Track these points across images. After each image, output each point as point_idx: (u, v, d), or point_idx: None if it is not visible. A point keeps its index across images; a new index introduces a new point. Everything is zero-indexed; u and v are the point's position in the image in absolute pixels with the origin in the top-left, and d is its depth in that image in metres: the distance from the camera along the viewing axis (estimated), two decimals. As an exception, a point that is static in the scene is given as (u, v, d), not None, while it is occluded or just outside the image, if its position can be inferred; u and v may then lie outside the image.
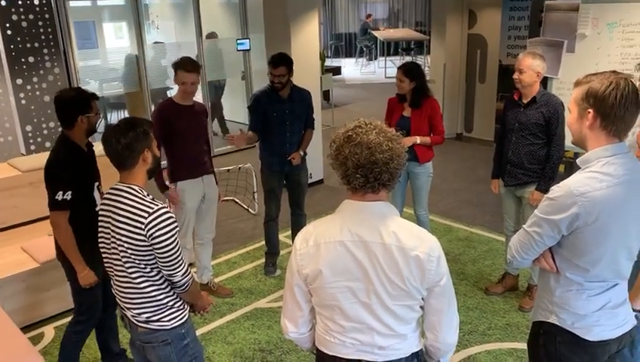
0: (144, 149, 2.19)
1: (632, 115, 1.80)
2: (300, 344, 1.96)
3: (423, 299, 1.72)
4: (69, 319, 3.16)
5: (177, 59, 3.70)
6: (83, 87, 3.25)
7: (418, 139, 4.05)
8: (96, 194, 2.95)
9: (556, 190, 1.84)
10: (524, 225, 1.96)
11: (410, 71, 4.05)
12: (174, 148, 3.75)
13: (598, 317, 1.93)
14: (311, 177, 6.17)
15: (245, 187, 6.29)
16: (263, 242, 4.65)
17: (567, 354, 1.99)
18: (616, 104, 1.76)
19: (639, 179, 1.86)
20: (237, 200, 6.13)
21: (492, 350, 3.49)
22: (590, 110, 1.80)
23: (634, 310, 2.12)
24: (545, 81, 4.72)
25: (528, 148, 3.66)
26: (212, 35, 8.44)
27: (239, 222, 5.68)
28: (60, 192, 2.76)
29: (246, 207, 6.00)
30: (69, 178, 2.79)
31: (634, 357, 2.31)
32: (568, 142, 2.33)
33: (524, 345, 3.48)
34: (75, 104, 2.84)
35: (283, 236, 4.71)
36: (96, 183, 2.99)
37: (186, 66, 3.64)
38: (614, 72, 1.84)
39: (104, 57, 8.34)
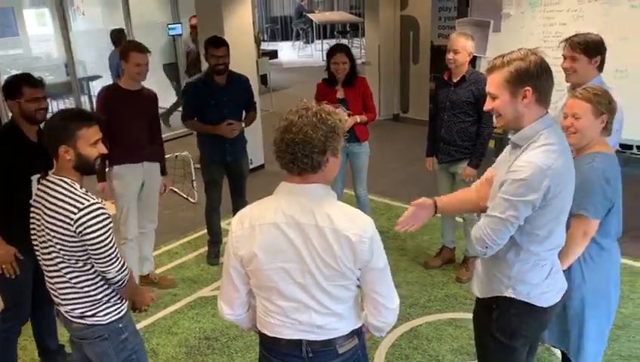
0: (59, 145, 2.08)
1: (552, 83, 1.92)
2: (238, 324, 1.99)
3: (358, 279, 1.76)
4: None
5: (126, 42, 3.63)
6: (3, 77, 3.10)
7: (358, 118, 4.11)
8: (34, 186, 2.81)
9: (522, 170, 1.85)
10: (491, 213, 1.94)
11: (349, 52, 4.12)
12: (116, 131, 3.60)
13: (547, 284, 2.04)
14: (251, 163, 6.12)
15: (184, 175, 6.18)
16: (205, 231, 4.60)
17: (520, 324, 2.07)
18: (544, 77, 1.87)
19: (567, 147, 1.98)
20: (175, 190, 6.01)
21: (433, 321, 3.62)
22: (529, 88, 1.87)
23: None
24: (473, 61, 4.88)
25: (460, 126, 3.79)
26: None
27: (179, 211, 5.58)
28: None
29: (185, 196, 5.90)
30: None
31: (565, 312, 2.48)
32: (495, 118, 2.43)
33: (462, 315, 3.64)
34: (4, 89, 2.74)
35: (225, 223, 4.67)
36: (38, 175, 2.81)
37: (139, 47, 3.59)
38: (523, 49, 1.92)
39: (26, 46, 7.90)
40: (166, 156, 3.98)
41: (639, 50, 4.33)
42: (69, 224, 2.03)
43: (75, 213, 2.02)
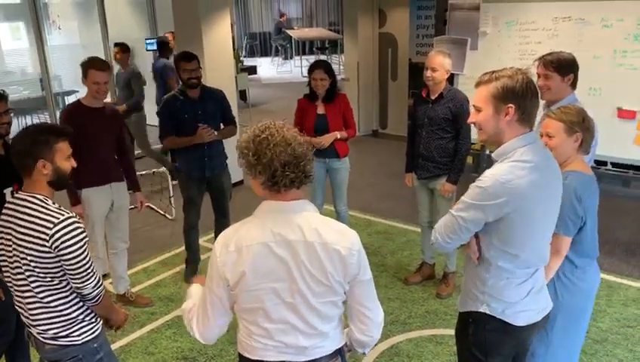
0: (38, 159, 2.05)
1: (537, 104, 1.95)
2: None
3: (345, 293, 1.75)
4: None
5: (86, 59, 3.54)
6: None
7: (338, 134, 4.12)
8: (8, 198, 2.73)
9: (484, 179, 1.91)
10: (451, 210, 2.01)
11: (329, 68, 4.15)
12: (82, 152, 3.52)
13: (526, 303, 2.04)
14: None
15: (161, 191, 6.10)
16: (182, 248, 4.53)
17: (496, 340, 2.07)
18: (529, 97, 1.90)
19: (550, 164, 2.01)
20: (152, 206, 5.93)
21: (413, 338, 3.61)
22: (511, 105, 1.89)
23: None
24: (451, 78, 4.95)
25: (438, 143, 3.81)
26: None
27: (156, 228, 5.49)
28: None
29: (162, 212, 5.82)
30: None
31: (548, 334, 2.47)
32: (474, 135, 2.45)
33: (443, 331, 3.63)
34: None
35: (203, 240, 4.61)
36: (10, 189, 2.73)
37: (97, 65, 3.50)
38: (513, 68, 1.96)
39: (0, 60, 7.78)
40: (143, 172, 3.93)
41: (612, 69, 4.44)
42: (44, 240, 1.98)
43: (50, 229, 1.98)
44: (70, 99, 8.06)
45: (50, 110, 7.40)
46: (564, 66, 2.84)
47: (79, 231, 2.03)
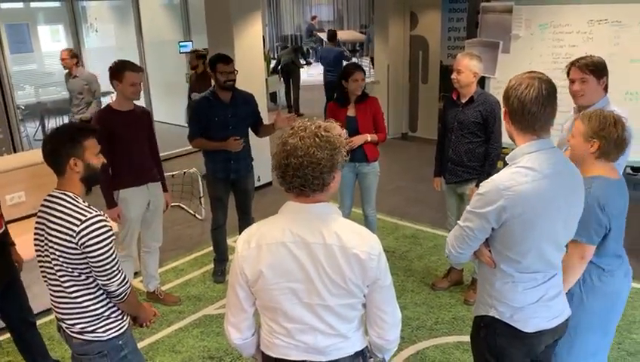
0: (70, 157, 2.12)
1: (544, 112, 1.89)
2: (243, 350, 1.93)
3: (364, 296, 1.75)
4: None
5: (117, 62, 3.59)
6: (17, 93, 3.12)
7: (369, 137, 4.11)
8: None
9: (484, 186, 1.93)
10: (458, 221, 2.04)
11: (363, 70, 4.17)
12: (117, 155, 3.60)
13: (535, 309, 2.01)
14: (259, 180, 6.15)
15: (191, 192, 6.19)
16: (211, 248, 4.59)
17: (506, 345, 2.06)
18: (517, 104, 1.87)
19: (564, 173, 1.96)
20: (183, 206, 6.02)
21: (440, 344, 3.57)
22: (504, 109, 1.95)
23: None
24: (482, 81, 4.88)
25: (467, 147, 3.77)
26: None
27: (186, 228, 5.58)
28: None
29: (192, 212, 5.90)
30: None
31: (572, 337, 2.42)
32: (506, 139, 2.43)
33: (469, 338, 3.58)
34: None
35: (231, 241, 4.66)
36: None
37: (133, 67, 3.56)
38: (531, 72, 1.94)
39: (40, 61, 8.02)
40: (174, 173, 3.99)
41: (650, 73, 4.32)
42: (71, 236, 2.04)
43: (77, 226, 2.04)
44: (106, 100, 8.27)
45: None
46: (599, 69, 2.82)
47: (106, 229, 2.08)
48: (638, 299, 3.91)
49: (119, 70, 3.53)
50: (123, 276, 2.17)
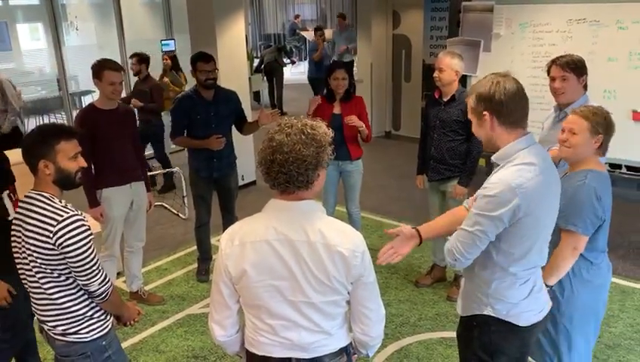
0: (40, 159, 2.08)
1: (521, 106, 1.93)
2: (227, 347, 1.94)
3: (348, 293, 1.76)
4: None
5: (98, 61, 3.55)
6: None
7: (363, 125, 4.08)
8: (6, 202, 2.78)
9: (493, 187, 1.89)
10: (461, 227, 1.99)
11: (348, 68, 4.15)
12: (100, 154, 3.56)
13: (528, 303, 2.04)
14: (243, 179, 6.14)
15: (174, 191, 6.16)
16: (195, 247, 4.57)
17: (501, 342, 2.08)
18: (504, 99, 1.89)
19: (551, 167, 2.00)
20: (166, 205, 5.99)
21: (423, 340, 3.60)
22: (485, 112, 1.92)
23: (546, 285, 2.26)
24: (464, 80, 4.93)
25: (449, 145, 3.80)
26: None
27: (169, 227, 5.54)
28: None
29: (175, 211, 5.87)
30: None
31: (556, 328, 2.48)
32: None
33: (453, 334, 3.59)
34: None
35: (215, 240, 4.64)
36: (7, 192, 2.79)
37: (112, 65, 3.52)
38: (495, 73, 1.97)
39: (19, 60, 7.90)
40: (157, 172, 3.97)
41: (627, 71, 4.39)
42: (48, 237, 2.01)
43: (53, 226, 2.01)
44: (87, 99, 8.17)
45: (66, 110, 7.51)
46: (579, 67, 2.88)
47: (83, 228, 2.05)
48: (616, 294, 3.98)
49: (99, 69, 3.51)
50: (104, 275, 2.15)
